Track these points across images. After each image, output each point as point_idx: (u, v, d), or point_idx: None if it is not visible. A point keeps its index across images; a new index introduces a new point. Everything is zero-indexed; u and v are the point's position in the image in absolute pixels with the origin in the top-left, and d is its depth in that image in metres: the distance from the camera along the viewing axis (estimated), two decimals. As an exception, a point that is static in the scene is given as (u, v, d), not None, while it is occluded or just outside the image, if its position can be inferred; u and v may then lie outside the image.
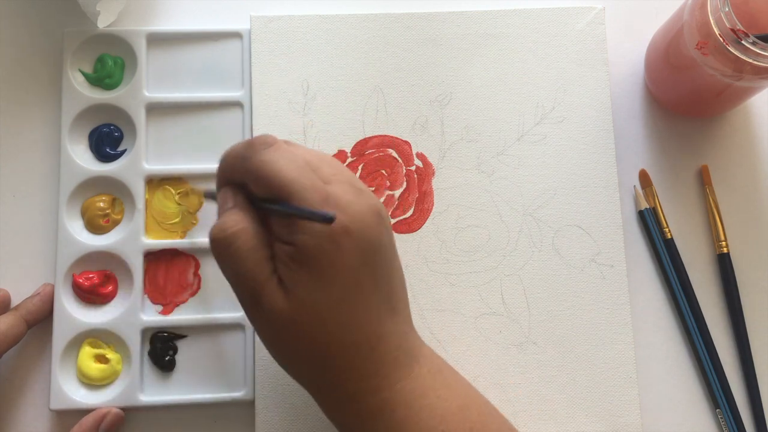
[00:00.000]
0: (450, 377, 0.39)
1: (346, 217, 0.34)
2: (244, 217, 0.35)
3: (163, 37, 0.50)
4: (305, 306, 0.34)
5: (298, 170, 0.34)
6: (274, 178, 0.34)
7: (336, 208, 0.34)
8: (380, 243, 0.35)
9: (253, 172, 0.35)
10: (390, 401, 0.36)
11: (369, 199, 0.35)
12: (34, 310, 0.46)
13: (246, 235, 0.35)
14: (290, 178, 0.34)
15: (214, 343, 0.47)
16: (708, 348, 0.48)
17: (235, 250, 0.35)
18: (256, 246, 0.35)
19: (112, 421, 0.45)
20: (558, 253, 0.49)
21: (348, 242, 0.34)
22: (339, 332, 0.35)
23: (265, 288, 0.34)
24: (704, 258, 0.50)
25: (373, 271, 0.35)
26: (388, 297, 0.36)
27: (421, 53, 0.51)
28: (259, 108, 0.49)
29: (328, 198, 0.34)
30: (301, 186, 0.34)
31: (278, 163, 0.35)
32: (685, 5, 0.46)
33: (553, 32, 0.51)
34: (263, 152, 0.35)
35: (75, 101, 0.49)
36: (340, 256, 0.34)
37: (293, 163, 0.35)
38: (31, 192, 0.49)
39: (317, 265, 0.34)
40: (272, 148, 0.35)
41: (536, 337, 0.48)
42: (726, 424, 0.47)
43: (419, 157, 0.50)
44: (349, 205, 0.34)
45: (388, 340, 0.36)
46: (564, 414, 0.47)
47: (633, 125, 0.52)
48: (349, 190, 0.35)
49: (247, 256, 0.35)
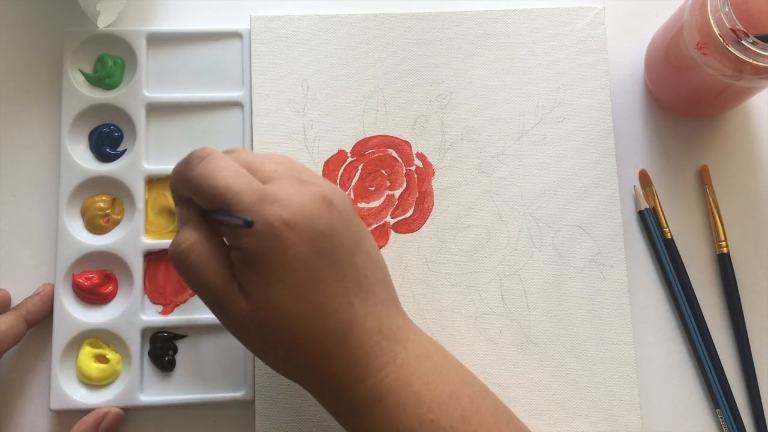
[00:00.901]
0: (440, 362, 0.38)
1: (286, 211, 0.34)
2: (195, 230, 0.36)
3: (163, 37, 0.50)
4: (265, 306, 0.35)
5: (232, 176, 0.35)
6: (209, 190, 0.35)
7: (274, 204, 0.34)
8: (331, 229, 0.35)
9: (192, 187, 0.36)
10: (375, 390, 0.35)
11: (312, 188, 0.35)
12: (34, 310, 0.46)
13: (198, 247, 0.36)
14: (223, 186, 0.35)
15: (214, 343, 0.47)
16: (708, 348, 0.48)
17: (191, 263, 0.35)
18: (210, 256, 0.36)
19: (112, 420, 0.45)
20: (558, 253, 0.49)
21: (292, 235, 0.34)
22: (306, 325, 0.35)
23: (225, 295, 0.35)
24: (704, 258, 0.50)
25: (330, 258, 0.35)
26: (355, 281, 0.36)
27: (421, 53, 0.51)
28: (259, 108, 0.49)
29: (264, 197, 0.34)
30: (235, 191, 0.35)
31: (212, 173, 0.35)
32: (685, 5, 0.46)
33: (553, 32, 0.51)
34: (197, 166, 0.36)
35: (75, 101, 0.49)
36: (286, 250, 0.34)
37: (226, 171, 0.35)
38: (31, 192, 0.49)
39: (266, 265, 0.34)
40: (206, 160, 0.36)
41: (536, 337, 0.48)
42: (726, 424, 0.47)
43: (419, 157, 0.50)
44: (289, 198, 0.34)
45: (363, 325, 0.36)
46: (564, 414, 0.47)
47: (633, 125, 0.52)
48: (289, 184, 0.35)
49: (203, 267, 0.35)
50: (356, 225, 0.37)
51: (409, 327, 0.38)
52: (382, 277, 0.38)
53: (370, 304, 0.36)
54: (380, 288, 0.37)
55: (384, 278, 0.38)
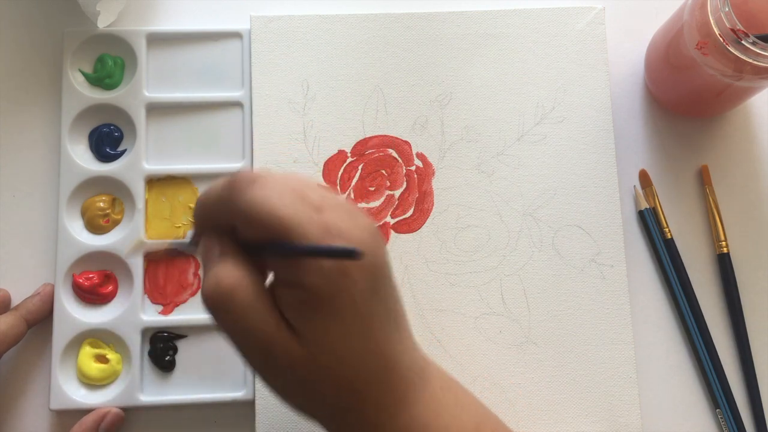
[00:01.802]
0: (460, 393, 0.37)
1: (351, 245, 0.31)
2: (238, 265, 0.32)
3: (163, 37, 0.50)
4: (323, 348, 0.32)
5: (292, 204, 0.31)
6: (268, 217, 0.30)
7: (338, 237, 0.31)
8: (384, 263, 0.33)
9: (243, 214, 0.31)
10: (409, 426, 0.34)
11: (365, 220, 0.33)
12: (34, 310, 0.46)
13: (244, 287, 0.31)
14: (286, 215, 0.30)
15: (214, 343, 0.47)
16: (708, 348, 0.48)
17: (236, 306, 0.31)
18: (257, 297, 0.31)
19: (112, 420, 0.45)
20: (558, 253, 0.49)
21: (358, 272, 0.31)
22: (359, 365, 0.33)
23: (276, 341, 0.31)
24: (704, 258, 0.50)
25: (383, 296, 0.33)
26: (394, 316, 0.34)
27: (421, 53, 0.51)
28: (259, 108, 0.49)
29: (328, 228, 0.31)
30: (299, 221, 0.30)
31: (270, 200, 0.30)
32: (685, 5, 0.46)
33: (553, 32, 0.51)
34: (249, 190, 0.31)
35: (75, 101, 0.49)
36: (353, 288, 0.31)
37: (285, 197, 0.31)
38: (31, 192, 0.49)
39: (330, 306, 0.31)
40: (258, 184, 0.31)
41: (536, 337, 0.48)
42: (726, 424, 0.47)
43: (419, 157, 0.50)
44: (350, 231, 0.31)
45: (401, 361, 0.34)
46: (564, 414, 0.47)
47: (633, 125, 0.52)
48: (344, 216, 0.32)
49: (250, 310, 0.31)
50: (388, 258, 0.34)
51: (428, 359, 0.37)
52: (403, 309, 0.36)
53: (402, 339, 0.35)
54: (405, 323, 0.35)
55: (404, 310, 0.36)
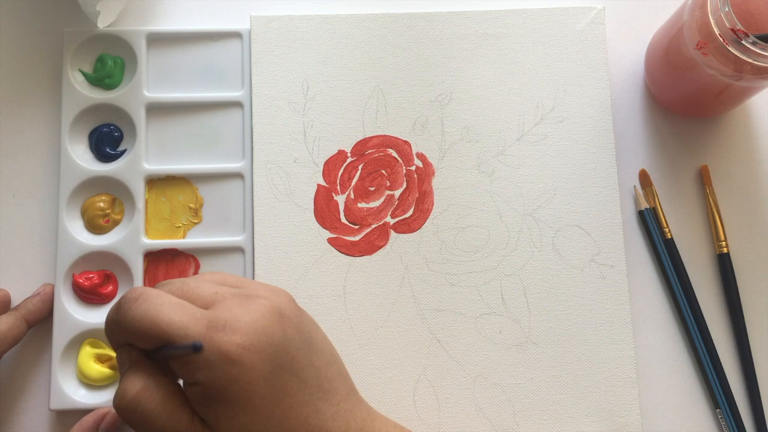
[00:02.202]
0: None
1: (239, 334, 0.33)
2: (142, 374, 0.34)
3: (163, 37, 0.50)
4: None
5: (172, 310, 0.33)
6: (150, 330, 0.33)
7: (224, 330, 0.32)
8: (285, 339, 0.34)
9: (131, 331, 0.34)
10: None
11: (259, 302, 0.34)
12: (34, 310, 0.46)
13: (147, 393, 0.33)
14: (165, 322, 0.33)
15: (214, 343, 0.47)
16: (708, 348, 0.48)
17: (143, 411, 0.33)
18: (163, 400, 0.33)
19: (112, 420, 0.45)
20: (558, 253, 0.49)
21: (250, 357, 0.32)
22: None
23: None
24: (704, 258, 0.50)
25: (291, 369, 0.34)
26: (317, 384, 0.35)
27: (421, 53, 0.51)
28: (259, 108, 0.49)
29: (212, 324, 0.33)
30: (179, 325, 0.33)
31: (149, 313, 0.33)
32: (685, 5, 0.46)
33: (553, 32, 0.51)
34: (132, 308, 0.34)
35: (75, 101, 0.49)
36: (247, 374, 0.32)
37: (165, 306, 0.33)
38: (31, 192, 0.49)
39: (229, 394, 0.32)
40: (139, 300, 0.34)
41: (536, 337, 0.48)
42: (726, 424, 0.47)
43: (419, 157, 0.50)
44: (238, 320, 0.33)
45: (331, 428, 0.35)
46: (564, 414, 0.47)
47: (633, 125, 0.52)
48: (234, 303, 0.34)
49: (157, 414, 0.33)
50: (305, 324, 0.36)
51: (373, 417, 0.38)
52: (338, 370, 0.37)
53: (333, 404, 0.35)
54: (340, 383, 0.36)
55: (340, 371, 0.37)
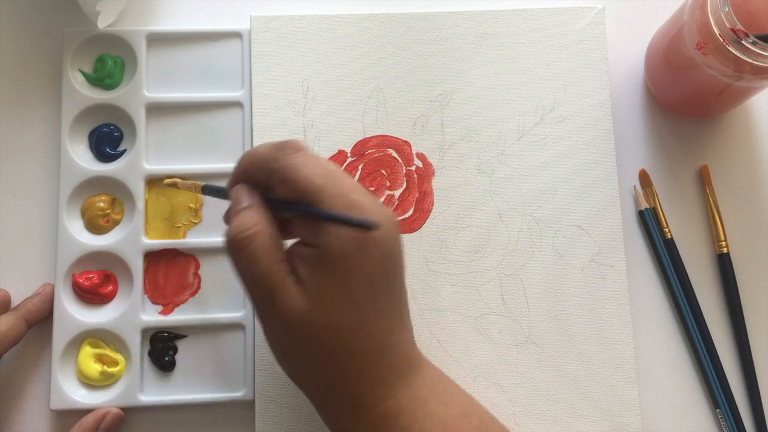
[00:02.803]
0: (450, 386, 0.39)
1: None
2: (262, 217, 0.36)
3: (163, 37, 0.50)
4: (322, 308, 0.34)
5: (326, 176, 0.35)
6: (303, 182, 0.35)
7: (361, 214, 0.34)
8: (398, 252, 0.36)
9: (282, 174, 0.36)
10: (393, 409, 0.36)
11: (387, 210, 0.36)
12: (34, 310, 0.46)
13: (264, 236, 0.35)
14: (319, 184, 0.35)
15: (214, 343, 0.47)
16: (708, 348, 0.48)
17: (252, 250, 0.35)
18: (272, 247, 0.35)
19: (112, 420, 0.45)
20: (558, 253, 0.49)
21: (373, 250, 0.35)
22: (350, 338, 0.35)
23: (280, 288, 0.35)
24: (704, 258, 0.50)
25: (390, 281, 0.36)
26: (398, 307, 0.37)
27: (421, 53, 0.51)
28: (259, 108, 0.49)
29: (352, 206, 0.35)
30: (328, 192, 0.35)
31: (307, 167, 0.35)
32: (685, 5, 0.46)
33: (553, 32, 0.51)
34: (292, 155, 0.36)
35: (75, 101, 0.49)
36: (363, 262, 0.34)
37: (321, 169, 0.35)
38: (31, 192, 0.49)
39: (340, 269, 0.34)
40: (301, 153, 0.36)
41: (536, 337, 0.48)
42: (726, 424, 0.47)
43: (419, 157, 0.50)
44: (374, 213, 0.35)
45: (396, 349, 0.37)
46: (564, 414, 0.47)
47: (633, 125, 0.52)
48: (370, 200, 0.36)
49: (263, 257, 0.35)
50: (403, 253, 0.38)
51: (422, 355, 0.39)
52: (407, 308, 0.39)
53: (402, 331, 0.37)
54: (409, 319, 0.39)
55: (408, 310, 0.39)
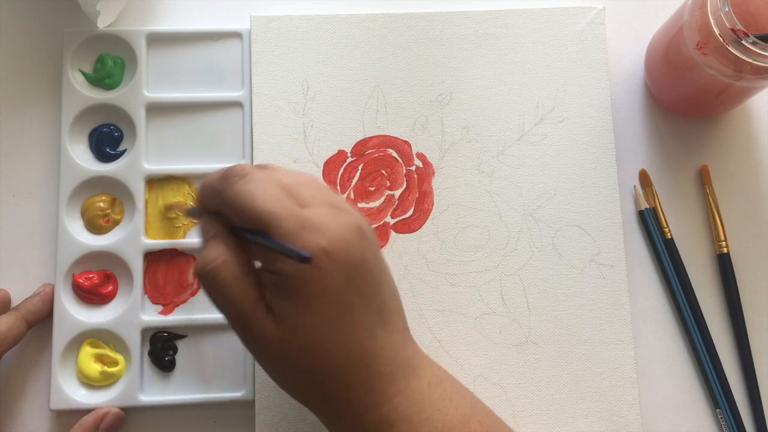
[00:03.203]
0: (450, 389, 0.38)
1: (325, 239, 0.34)
2: (226, 248, 0.36)
3: (163, 37, 0.50)
4: (294, 331, 0.35)
5: (273, 199, 0.35)
6: (249, 210, 0.35)
7: (314, 231, 0.34)
8: (363, 259, 0.35)
9: (229, 205, 0.35)
10: (389, 417, 0.36)
11: (348, 217, 0.35)
12: (34, 310, 0.46)
13: (229, 266, 0.35)
14: (264, 209, 0.34)
15: (214, 343, 0.47)
16: (708, 348, 0.48)
17: (221, 282, 0.35)
18: (240, 275, 0.35)
19: (112, 420, 0.45)
20: (558, 253, 0.49)
21: (329, 264, 0.34)
22: (332, 353, 0.35)
23: (253, 315, 0.35)
24: (704, 258, 0.50)
25: (361, 289, 0.35)
26: (378, 311, 0.36)
27: (421, 53, 0.51)
28: (259, 108, 0.49)
29: (304, 223, 0.34)
30: (276, 216, 0.34)
31: (252, 193, 0.35)
32: (685, 5, 0.46)
33: (553, 32, 0.51)
34: (237, 184, 0.35)
35: (75, 101, 0.49)
36: (323, 279, 0.34)
37: (267, 193, 0.35)
38: (31, 192, 0.49)
39: (301, 292, 0.34)
40: (246, 179, 0.35)
41: (536, 337, 0.48)
42: (726, 424, 0.47)
43: (419, 157, 0.50)
44: (328, 227, 0.34)
45: (382, 354, 0.36)
46: (564, 414, 0.47)
47: (633, 125, 0.52)
48: (327, 212, 0.35)
49: (231, 286, 0.35)
50: (381, 255, 0.37)
51: (420, 355, 0.39)
52: (398, 306, 0.38)
53: (388, 334, 0.37)
54: (396, 318, 0.38)
55: (399, 307, 0.38)
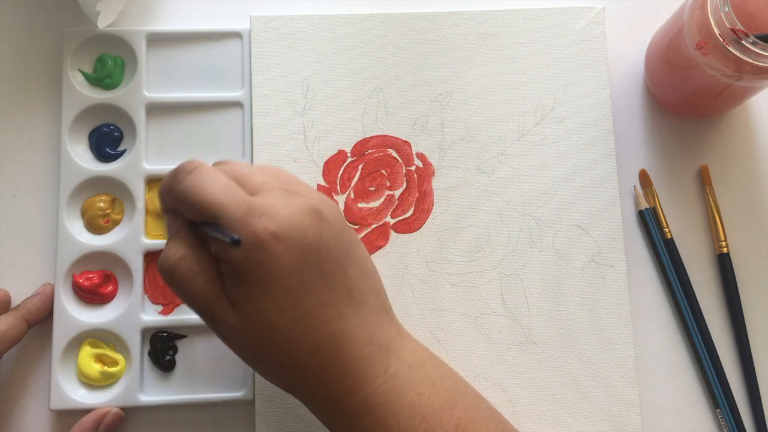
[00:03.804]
0: (434, 371, 0.38)
1: (273, 224, 0.34)
2: (183, 243, 0.36)
3: (163, 37, 0.50)
4: (253, 318, 0.35)
5: (220, 189, 0.35)
6: (197, 203, 0.35)
7: (261, 216, 0.34)
8: (320, 240, 0.35)
9: (180, 200, 0.36)
10: (368, 401, 0.35)
11: (302, 200, 0.35)
12: (34, 310, 0.46)
13: (187, 261, 0.36)
14: (210, 200, 0.35)
15: (214, 343, 0.47)
16: (708, 348, 0.48)
17: (179, 277, 0.36)
18: (199, 270, 0.36)
19: (112, 420, 0.45)
20: (558, 253, 0.49)
21: (279, 248, 0.34)
22: (296, 337, 0.35)
23: (215, 307, 0.35)
24: (704, 258, 0.50)
25: (321, 270, 0.35)
26: (346, 292, 0.36)
27: (421, 53, 0.51)
28: (259, 108, 0.49)
29: (251, 210, 0.34)
30: (222, 205, 0.34)
31: (199, 187, 0.35)
32: (685, 5, 0.46)
33: (553, 32, 0.51)
34: (185, 179, 0.36)
35: (75, 101, 0.49)
36: (274, 263, 0.34)
37: (214, 184, 0.35)
38: (31, 192, 0.49)
39: (254, 277, 0.34)
40: (193, 174, 0.36)
41: (536, 337, 0.48)
42: (726, 424, 0.47)
43: (419, 157, 0.50)
44: (276, 211, 0.34)
45: (354, 335, 0.36)
46: (564, 414, 0.47)
47: (633, 125, 0.52)
48: (278, 196, 0.35)
49: (191, 281, 0.35)
50: (347, 235, 0.37)
51: (403, 336, 0.38)
52: (374, 286, 0.38)
53: (361, 315, 0.36)
54: (372, 298, 0.37)
55: (375, 287, 0.38)
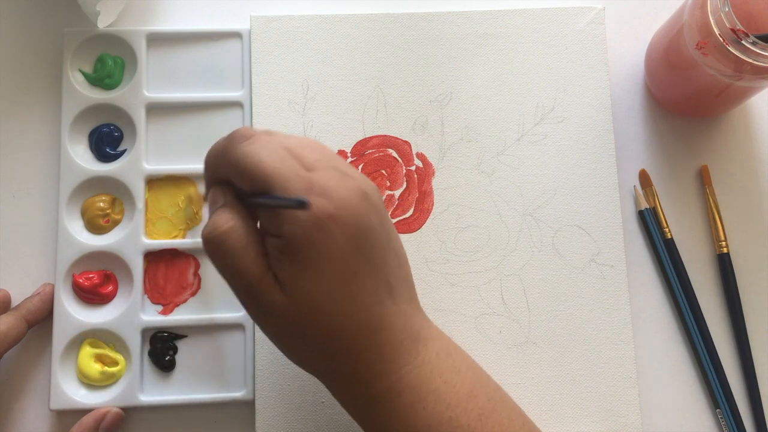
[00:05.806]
0: (459, 361, 0.38)
1: (331, 204, 0.33)
2: (234, 215, 0.35)
3: (163, 37, 0.50)
4: (301, 298, 0.34)
5: (279, 160, 0.34)
6: (254, 171, 0.34)
7: (321, 195, 0.33)
8: (369, 225, 0.34)
9: (234, 166, 0.35)
10: (396, 386, 0.36)
11: (354, 182, 0.35)
12: (34, 310, 0.46)
13: (236, 233, 0.34)
14: (270, 169, 0.33)
15: (214, 343, 0.47)
16: (708, 348, 0.48)
17: (227, 249, 0.34)
18: (247, 243, 0.34)
19: (112, 420, 0.45)
20: (558, 253, 0.49)
21: (335, 228, 0.33)
22: (339, 319, 0.35)
23: (260, 285, 0.34)
24: (704, 258, 0.50)
25: (367, 255, 0.34)
26: (385, 279, 0.36)
27: (421, 53, 0.51)
28: (259, 108, 0.49)
29: (311, 185, 0.33)
30: (282, 176, 0.33)
31: (258, 154, 0.34)
32: (685, 5, 0.46)
33: (553, 32, 0.51)
34: (242, 145, 0.35)
35: (75, 101, 0.49)
36: (329, 243, 0.33)
37: (274, 154, 0.34)
38: (31, 192, 0.49)
39: (307, 256, 0.33)
40: (251, 140, 0.35)
41: (536, 337, 0.48)
42: (726, 424, 0.47)
43: (419, 157, 0.50)
44: (334, 191, 0.33)
45: (391, 322, 0.36)
46: (564, 414, 0.47)
47: (633, 125, 0.52)
48: (333, 175, 0.34)
49: (239, 254, 0.34)
50: (388, 222, 0.36)
51: (430, 325, 0.38)
52: (407, 275, 0.38)
53: (396, 303, 0.36)
54: (405, 287, 0.37)
55: (408, 277, 0.38)
